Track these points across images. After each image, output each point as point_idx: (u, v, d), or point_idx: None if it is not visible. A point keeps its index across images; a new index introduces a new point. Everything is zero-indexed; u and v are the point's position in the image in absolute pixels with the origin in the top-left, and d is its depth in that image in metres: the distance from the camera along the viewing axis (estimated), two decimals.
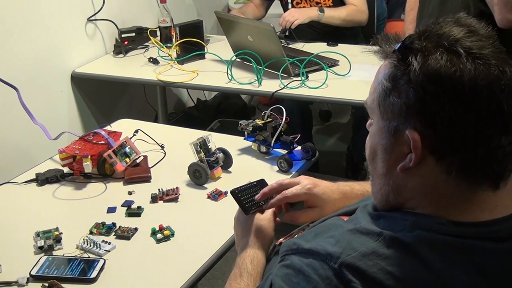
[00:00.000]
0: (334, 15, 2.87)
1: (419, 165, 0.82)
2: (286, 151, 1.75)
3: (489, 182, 0.82)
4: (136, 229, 1.44)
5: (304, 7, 2.99)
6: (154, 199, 1.57)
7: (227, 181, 1.65)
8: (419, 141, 0.80)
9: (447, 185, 0.82)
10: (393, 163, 0.85)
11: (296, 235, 1.08)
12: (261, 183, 1.23)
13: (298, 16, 2.82)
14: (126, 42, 2.79)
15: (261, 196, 1.16)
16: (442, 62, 0.78)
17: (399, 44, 0.83)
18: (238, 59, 2.52)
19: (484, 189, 0.82)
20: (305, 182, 1.17)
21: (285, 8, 3.08)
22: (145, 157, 1.78)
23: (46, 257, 1.32)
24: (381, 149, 0.87)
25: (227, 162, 1.71)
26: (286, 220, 1.18)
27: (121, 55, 2.79)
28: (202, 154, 1.64)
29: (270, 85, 2.33)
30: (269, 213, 1.15)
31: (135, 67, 2.65)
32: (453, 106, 0.77)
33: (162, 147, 1.86)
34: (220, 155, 1.69)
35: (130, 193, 1.61)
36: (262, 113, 1.82)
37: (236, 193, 1.17)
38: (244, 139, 1.83)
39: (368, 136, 0.92)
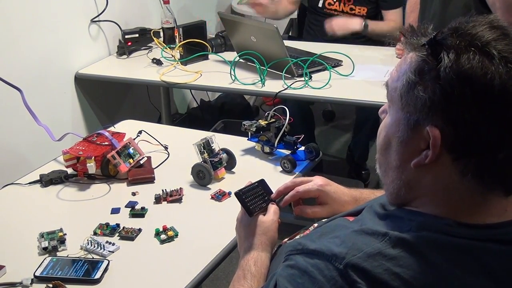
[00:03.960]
0: (376, 31, 2.83)
1: (434, 163, 0.81)
2: (290, 152, 1.75)
3: (502, 188, 0.81)
4: (140, 230, 1.44)
5: (335, 9, 2.97)
6: (158, 200, 1.57)
7: (230, 182, 1.65)
8: (439, 139, 0.79)
9: (460, 186, 0.81)
10: (408, 157, 0.84)
11: (300, 235, 1.08)
12: (262, 183, 1.23)
13: (339, 29, 2.77)
14: (129, 43, 2.79)
15: (276, 194, 1.21)
16: (474, 62, 0.76)
17: (430, 38, 0.81)
18: (241, 60, 2.52)
19: (496, 194, 0.82)
20: (318, 180, 1.22)
21: (314, 4, 3.04)
22: (149, 158, 1.78)
23: (50, 258, 1.33)
24: (396, 141, 0.86)
25: (230, 162, 1.71)
26: (296, 213, 1.22)
27: (125, 56, 2.79)
28: (205, 155, 1.64)
29: (273, 86, 2.33)
30: (272, 214, 1.16)
31: (138, 68, 2.65)
32: (480, 108, 0.76)
33: (166, 148, 1.86)
34: (224, 155, 1.69)
35: (133, 194, 1.61)
36: (266, 114, 1.82)
37: (241, 195, 1.16)
38: (247, 139, 1.83)
39: (381, 124, 0.90)
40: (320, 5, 3.00)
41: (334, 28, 2.80)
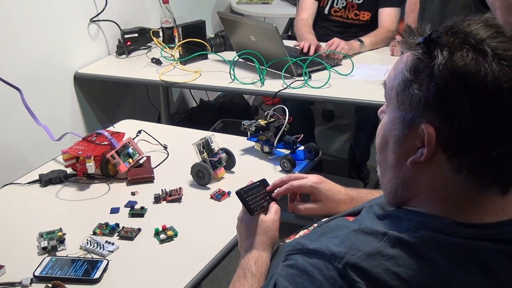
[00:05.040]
0: (371, 43, 2.78)
1: (430, 160, 0.81)
2: (289, 151, 1.75)
3: (499, 186, 0.81)
4: (139, 229, 1.44)
5: (341, 15, 2.97)
6: (157, 199, 1.57)
7: (230, 181, 1.65)
8: (434, 137, 0.79)
9: (456, 184, 0.81)
10: (404, 156, 0.84)
11: (300, 235, 1.08)
12: (263, 182, 1.24)
13: (347, 50, 2.61)
14: (128, 43, 2.79)
15: (271, 187, 1.21)
16: (468, 60, 0.77)
17: (425, 36, 0.82)
18: (240, 59, 2.52)
19: (493, 192, 0.81)
20: (313, 177, 1.22)
21: (321, 10, 3.02)
22: (148, 157, 1.78)
23: (49, 257, 1.33)
24: (393, 140, 0.86)
25: (230, 162, 1.71)
26: (289, 209, 1.23)
27: (124, 56, 2.79)
28: (205, 155, 1.64)
29: (272, 85, 2.33)
30: (273, 214, 1.16)
31: (138, 67, 2.65)
32: (473, 105, 0.76)
33: (165, 148, 1.86)
34: (223, 155, 1.69)
35: (133, 193, 1.61)
36: (265, 113, 1.82)
37: (242, 194, 1.17)
38: (247, 139, 1.83)
39: (380, 124, 0.91)
40: (326, 11, 3.00)
41: (343, 48, 2.69)
